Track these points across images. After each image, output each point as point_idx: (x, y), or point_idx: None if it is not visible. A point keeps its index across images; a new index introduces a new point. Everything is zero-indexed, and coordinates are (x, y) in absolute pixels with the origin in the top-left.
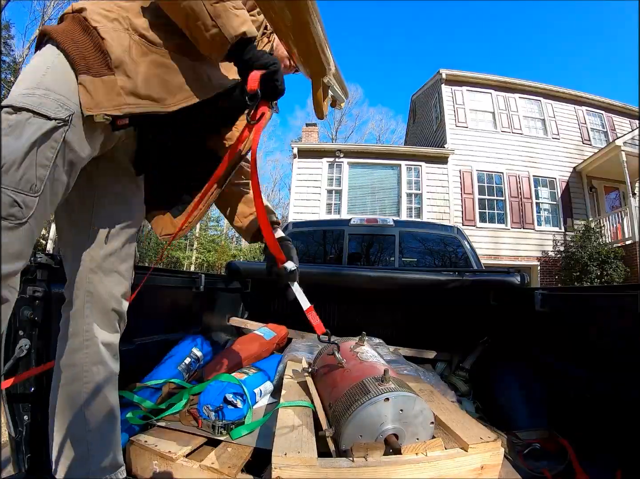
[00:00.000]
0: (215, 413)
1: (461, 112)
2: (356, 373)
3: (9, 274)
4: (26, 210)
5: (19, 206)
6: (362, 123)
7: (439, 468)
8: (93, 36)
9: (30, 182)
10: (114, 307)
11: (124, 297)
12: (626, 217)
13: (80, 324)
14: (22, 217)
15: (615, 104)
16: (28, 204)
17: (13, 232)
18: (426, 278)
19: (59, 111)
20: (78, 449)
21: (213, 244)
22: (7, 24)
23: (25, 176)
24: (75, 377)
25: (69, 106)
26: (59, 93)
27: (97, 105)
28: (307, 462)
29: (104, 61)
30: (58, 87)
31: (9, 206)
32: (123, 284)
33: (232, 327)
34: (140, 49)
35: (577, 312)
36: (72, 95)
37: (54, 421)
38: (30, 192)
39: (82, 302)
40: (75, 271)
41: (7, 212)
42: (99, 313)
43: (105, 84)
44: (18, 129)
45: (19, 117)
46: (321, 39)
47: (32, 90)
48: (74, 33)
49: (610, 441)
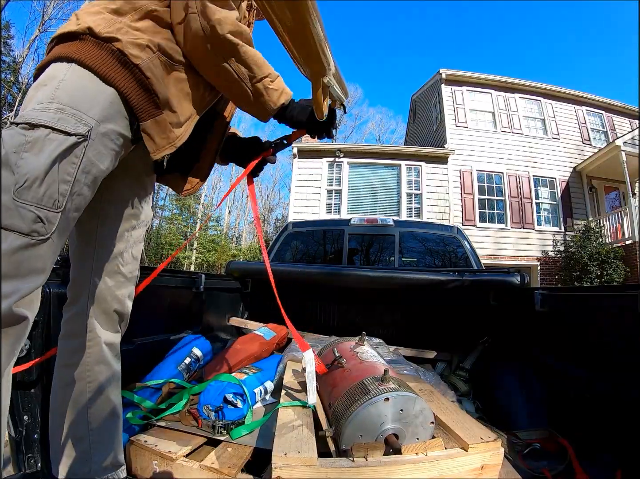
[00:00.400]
0: (215, 412)
1: (461, 112)
2: (356, 373)
3: (29, 291)
4: (49, 226)
5: (42, 221)
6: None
7: (439, 467)
8: (136, 74)
9: (52, 198)
10: (116, 308)
11: (128, 299)
12: (626, 217)
13: (83, 324)
14: (45, 233)
15: (615, 104)
16: (51, 220)
17: (36, 249)
18: (426, 278)
19: (78, 127)
20: (79, 449)
21: (213, 244)
22: (7, 24)
23: (47, 191)
24: (77, 377)
25: (86, 121)
26: (75, 108)
27: (159, 149)
28: (307, 462)
29: (152, 101)
30: (73, 102)
31: (33, 222)
32: (127, 286)
33: (232, 327)
34: (165, 69)
35: (577, 312)
36: (89, 109)
37: (55, 421)
38: (53, 208)
39: (86, 302)
40: (80, 272)
41: (30, 228)
42: (102, 314)
43: (159, 124)
44: (37, 145)
45: (38, 134)
46: (321, 39)
47: (46, 105)
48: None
49: (610, 441)
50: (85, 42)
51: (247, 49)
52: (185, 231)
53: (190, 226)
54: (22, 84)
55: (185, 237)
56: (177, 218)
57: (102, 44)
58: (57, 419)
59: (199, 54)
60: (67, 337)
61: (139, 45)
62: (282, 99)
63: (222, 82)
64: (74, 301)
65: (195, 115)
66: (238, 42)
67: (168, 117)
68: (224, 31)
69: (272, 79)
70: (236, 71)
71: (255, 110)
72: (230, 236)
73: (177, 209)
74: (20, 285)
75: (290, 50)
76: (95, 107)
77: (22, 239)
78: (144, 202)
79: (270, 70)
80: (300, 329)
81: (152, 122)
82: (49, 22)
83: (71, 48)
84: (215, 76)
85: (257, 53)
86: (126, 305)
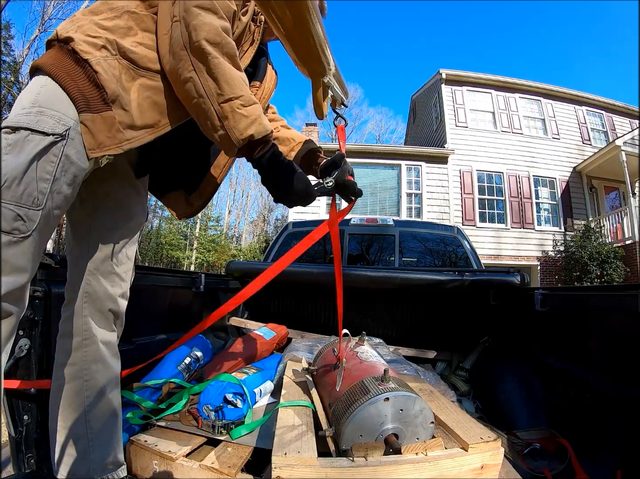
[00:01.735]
0: (215, 412)
1: (461, 112)
2: (356, 373)
3: (14, 288)
4: (30, 223)
5: (22, 219)
6: (361, 123)
7: (439, 467)
8: (86, 69)
9: (32, 196)
10: (111, 307)
11: (122, 298)
12: (626, 217)
13: (79, 323)
14: (26, 230)
15: (616, 103)
16: (31, 218)
17: (18, 246)
18: (426, 278)
19: (55, 127)
20: (79, 448)
21: (213, 244)
22: (7, 24)
23: (27, 190)
24: (75, 375)
25: (65, 121)
26: (54, 109)
27: (100, 146)
28: (307, 462)
29: (100, 96)
30: (52, 104)
31: (13, 220)
32: (121, 285)
33: (232, 327)
34: (129, 74)
35: (577, 312)
36: (67, 110)
37: (55, 420)
38: (33, 206)
39: (81, 302)
40: (75, 272)
41: (10, 226)
42: (97, 312)
43: (105, 121)
44: (17, 147)
45: (18, 136)
46: (321, 39)
47: (28, 109)
48: (67, 66)
49: (610, 441)
50: (53, 48)
51: (221, 62)
52: (185, 231)
53: (190, 226)
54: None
55: (185, 237)
56: None
57: (62, 46)
58: (56, 419)
59: (173, 64)
60: (64, 337)
61: (93, 45)
62: (250, 130)
63: (187, 96)
64: (71, 300)
65: (167, 126)
66: (210, 52)
67: (118, 116)
68: (198, 37)
69: (244, 102)
70: (203, 85)
71: (219, 139)
72: (230, 235)
73: None
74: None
75: (291, 50)
76: (71, 107)
77: (3, 237)
78: (136, 203)
79: (244, 93)
80: (300, 329)
81: (97, 116)
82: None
83: (45, 57)
84: (181, 89)
85: (233, 70)
86: (121, 304)
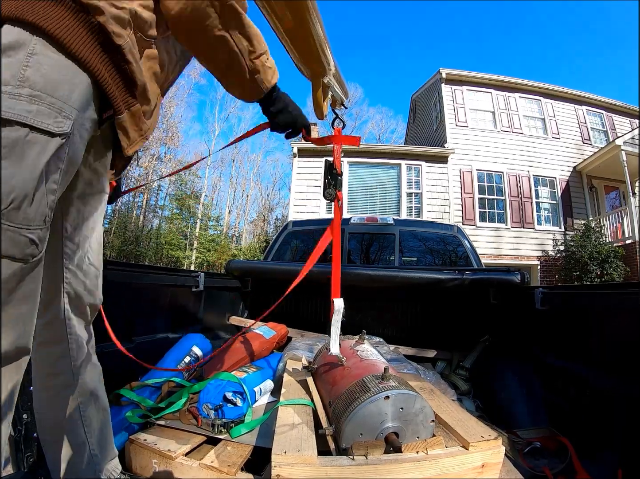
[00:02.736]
0: (215, 411)
1: (461, 112)
2: (356, 371)
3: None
4: (41, 245)
5: (35, 244)
6: (362, 123)
7: (440, 466)
8: (116, 59)
9: (44, 215)
10: (90, 302)
11: (98, 289)
12: (626, 217)
13: (62, 329)
14: (38, 253)
15: (616, 103)
16: (43, 239)
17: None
18: (426, 277)
19: (60, 123)
20: (82, 454)
21: (213, 243)
22: None
23: (39, 209)
24: (66, 384)
25: (68, 113)
26: (52, 95)
27: (132, 143)
28: (307, 460)
29: (129, 90)
30: (50, 86)
31: (26, 247)
32: (98, 276)
33: (232, 326)
34: (140, 47)
35: (577, 310)
36: (69, 96)
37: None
38: (44, 225)
39: (62, 305)
40: (52, 272)
41: (23, 253)
42: (78, 311)
43: (134, 116)
44: (17, 150)
45: (14, 135)
46: (321, 39)
47: (16, 90)
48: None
49: (610, 440)
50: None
51: (250, 22)
52: (185, 231)
53: (190, 226)
54: None
55: (185, 237)
56: (177, 218)
57: (79, 14)
58: (49, 430)
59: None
60: (46, 344)
61: (121, 21)
62: (274, 79)
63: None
64: (50, 303)
65: (160, 98)
66: (242, 12)
67: (142, 107)
68: None
69: (268, 56)
70: (237, 43)
71: (247, 89)
72: (230, 235)
73: (177, 209)
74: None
75: (291, 50)
76: (74, 92)
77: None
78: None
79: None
80: (299, 328)
81: (127, 114)
82: None
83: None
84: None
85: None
86: (98, 297)
